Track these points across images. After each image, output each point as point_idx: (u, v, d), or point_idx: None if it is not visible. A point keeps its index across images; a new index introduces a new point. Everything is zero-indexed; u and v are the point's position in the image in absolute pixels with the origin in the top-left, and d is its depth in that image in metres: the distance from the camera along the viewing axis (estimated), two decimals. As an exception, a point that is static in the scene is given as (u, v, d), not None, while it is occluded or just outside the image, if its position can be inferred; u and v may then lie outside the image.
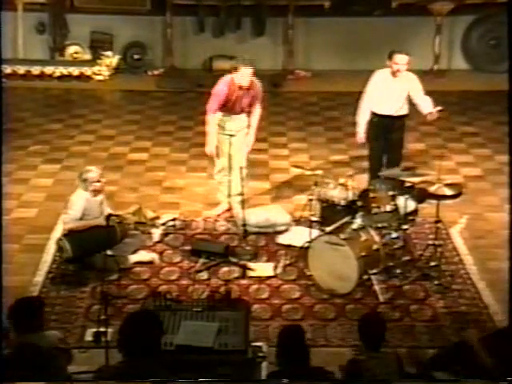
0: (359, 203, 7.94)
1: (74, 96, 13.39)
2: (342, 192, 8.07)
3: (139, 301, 7.45)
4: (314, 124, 12.12)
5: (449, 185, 7.94)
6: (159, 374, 4.83)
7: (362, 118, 9.13)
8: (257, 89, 8.80)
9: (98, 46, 14.04)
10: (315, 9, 13.99)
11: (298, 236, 8.45)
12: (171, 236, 8.76)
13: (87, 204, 8.03)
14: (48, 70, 13.76)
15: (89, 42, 14.12)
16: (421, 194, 8.08)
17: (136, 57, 14.17)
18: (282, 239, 8.63)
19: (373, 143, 9.19)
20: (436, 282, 7.90)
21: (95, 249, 7.88)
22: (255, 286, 7.90)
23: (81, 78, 13.81)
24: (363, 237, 7.71)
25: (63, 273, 8.06)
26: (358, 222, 7.82)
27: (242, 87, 8.64)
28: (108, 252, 7.62)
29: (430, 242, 8.17)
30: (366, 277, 7.66)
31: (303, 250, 8.05)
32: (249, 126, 8.93)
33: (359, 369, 5.60)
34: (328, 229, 7.86)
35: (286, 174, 10.26)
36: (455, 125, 11.86)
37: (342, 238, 7.60)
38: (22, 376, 4.95)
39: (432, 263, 8.06)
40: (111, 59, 13.89)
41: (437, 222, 8.06)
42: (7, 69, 13.30)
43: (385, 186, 8.01)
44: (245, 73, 8.58)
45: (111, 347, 5.89)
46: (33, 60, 13.85)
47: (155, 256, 8.35)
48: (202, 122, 10.92)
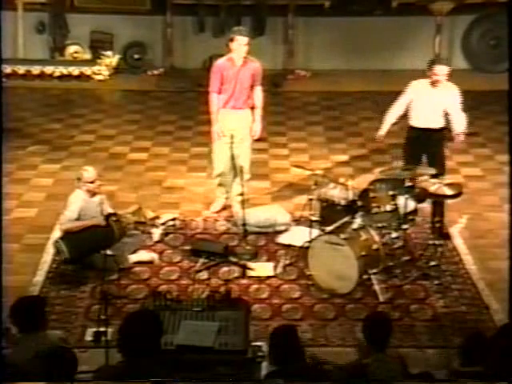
0: (359, 203, 7.94)
1: (74, 96, 13.38)
2: (342, 192, 8.07)
3: (139, 301, 7.45)
4: (314, 124, 12.12)
5: (449, 185, 7.94)
6: (159, 373, 4.83)
7: (389, 120, 8.79)
8: (255, 67, 8.83)
9: (98, 45, 14.03)
10: (315, 8, 13.99)
11: (297, 236, 8.45)
12: (171, 236, 8.76)
13: (84, 204, 8.02)
14: (48, 69, 13.75)
15: (89, 41, 14.12)
16: (421, 194, 8.08)
17: (136, 57, 14.17)
18: (282, 239, 8.63)
19: (410, 160, 8.69)
20: (436, 282, 7.90)
21: (93, 249, 7.89)
22: (255, 286, 7.90)
23: (81, 77, 13.80)
24: (363, 237, 7.71)
25: (63, 273, 8.06)
26: (357, 221, 7.81)
27: (234, 62, 8.70)
28: (108, 252, 7.62)
29: (430, 242, 8.18)
30: (365, 277, 7.66)
31: (303, 250, 8.05)
32: (253, 109, 8.92)
33: (364, 372, 5.50)
34: (328, 229, 7.86)
35: (286, 173, 10.26)
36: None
37: (341, 238, 7.60)
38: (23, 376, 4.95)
39: (432, 263, 8.06)
40: (111, 59, 13.89)
41: (437, 222, 8.05)
42: (7, 69, 13.28)
43: (385, 185, 8.01)
44: (241, 42, 8.65)
45: (111, 347, 5.89)
46: (33, 60, 13.85)
47: (155, 256, 8.35)
48: (202, 122, 10.97)
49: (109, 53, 13.89)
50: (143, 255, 8.31)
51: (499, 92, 7.56)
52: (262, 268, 8.16)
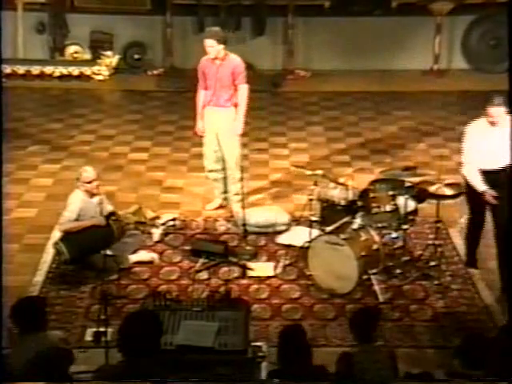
0: (359, 203, 7.94)
1: (74, 96, 13.38)
2: (342, 192, 8.07)
3: (139, 301, 7.44)
4: (313, 124, 12.12)
5: (449, 185, 7.94)
6: (159, 373, 4.82)
7: (474, 175, 7.73)
8: (235, 64, 8.82)
9: (98, 45, 14.03)
10: (315, 9, 13.98)
11: (297, 236, 8.45)
12: (171, 236, 8.76)
13: (83, 205, 8.02)
14: (48, 69, 13.75)
15: (89, 41, 14.11)
16: (421, 194, 8.07)
17: (136, 57, 14.16)
18: (282, 239, 8.63)
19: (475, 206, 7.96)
20: (436, 282, 7.90)
21: (93, 249, 7.90)
22: (255, 286, 7.90)
23: (81, 77, 13.80)
24: (363, 237, 7.71)
25: (63, 273, 8.06)
26: (357, 221, 7.81)
27: (214, 60, 8.76)
28: (108, 252, 7.63)
29: (430, 242, 8.18)
30: (365, 277, 7.66)
31: (303, 250, 8.05)
32: (236, 105, 8.89)
33: (350, 361, 5.65)
34: (328, 229, 7.86)
35: (286, 173, 10.26)
36: (455, 125, 11.84)
37: (341, 238, 7.60)
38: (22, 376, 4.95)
39: (432, 263, 8.06)
40: (111, 59, 13.89)
41: (437, 222, 8.06)
42: (7, 69, 13.29)
43: (385, 185, 8.01)
44: (206, 44, 8.71)
45: (111, 347, 5.89)
46: (33, 60, 13.84)
47: (155, 256, 8.35)
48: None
49: (109, 53, 13.89)
50: (143, 255, 8.31)
51: (499, 92, 7.51)
52: (262, 268, 8.16)
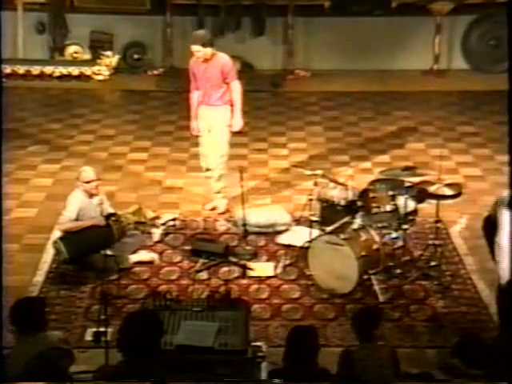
0: (359, 203, 7.94)
1: (74, 96, 13.37)
2: (341, 192, 8.06)
3: (139, 301, 7.45)
4: (313, 124, 12.12)
5: (449, 185, 7.94)
6: (159, 373, 4.83)
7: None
8: (223, 63, 8.85)
9: (98, 45, 14.02)
10: (315, 9, 13.98)
11: (297, 236, 8.45)
12: (171, 236, 8.76)
13: (83, 205, 8.02)
14: (48, 69, 13.74)
15: (89, 41, 14.10)
16: (421, 194, 8.07)
17: (136, 57, 14.16)
18: (282, 239, 8.62)
19: None
20: (436, 282, 7.90)
21: (92, 249, 7.90)
22: (255, 286, 7.90)
23: (81, 77, 13.79)
24: (363, 237, 7.70)
25: (63, 273, 8.06)
26: (357, 221, 7.81)
27: (203, 61, 8.81)
28: (108, 252, 7.62)
29: (430, 242, 8.18)
30: (365, 277, 7.66)
31: (303, 250, 8.05)
32: (232, 105, 8.92)
33: (351, 359, 5.68)
34: (328, 229, 7.86)
35: (286, 173, 10.26)
36: (455, 125, 11.86)
37: (342, 238, 7.60)
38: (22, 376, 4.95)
39: (432, 263, 8.06)
40: (111, 59, 13.88)
41: (437, 221, 8.06)
42: (7, 69, 13.28)
43: (385, 185, 8.01)
44: (193, 49, 8.77)
45: (111, 347, 5.88)
46: (33, 60, 13.84)
47: (155, 256, 8.35)
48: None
49: (109, 53, 13.88)
50: (143, 255, 8.31)
51: (499, 92, 7.53)
52: (262, 268, 8.15)
